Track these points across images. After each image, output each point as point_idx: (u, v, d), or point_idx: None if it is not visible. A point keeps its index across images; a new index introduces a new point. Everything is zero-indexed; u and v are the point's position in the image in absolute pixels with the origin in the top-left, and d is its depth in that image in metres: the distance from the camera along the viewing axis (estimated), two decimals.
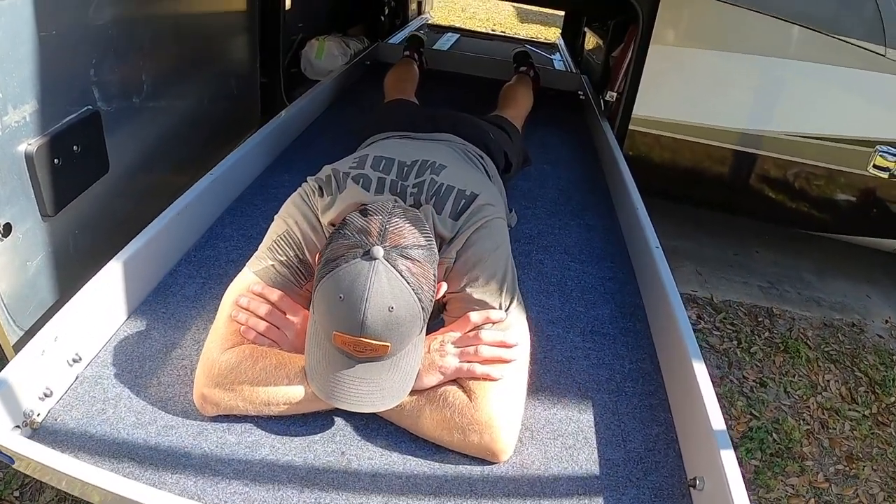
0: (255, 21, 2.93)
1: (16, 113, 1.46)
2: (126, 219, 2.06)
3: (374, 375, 1.11)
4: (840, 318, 3.12)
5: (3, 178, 1.44)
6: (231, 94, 2.89)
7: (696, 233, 3.68)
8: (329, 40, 3.64)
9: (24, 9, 1.45)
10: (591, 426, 1.33)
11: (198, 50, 2.49)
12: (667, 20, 2.73)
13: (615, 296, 1.81)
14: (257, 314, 1.27)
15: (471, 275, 1.29)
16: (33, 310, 1.59)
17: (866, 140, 2.69)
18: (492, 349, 1.22)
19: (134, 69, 2.01)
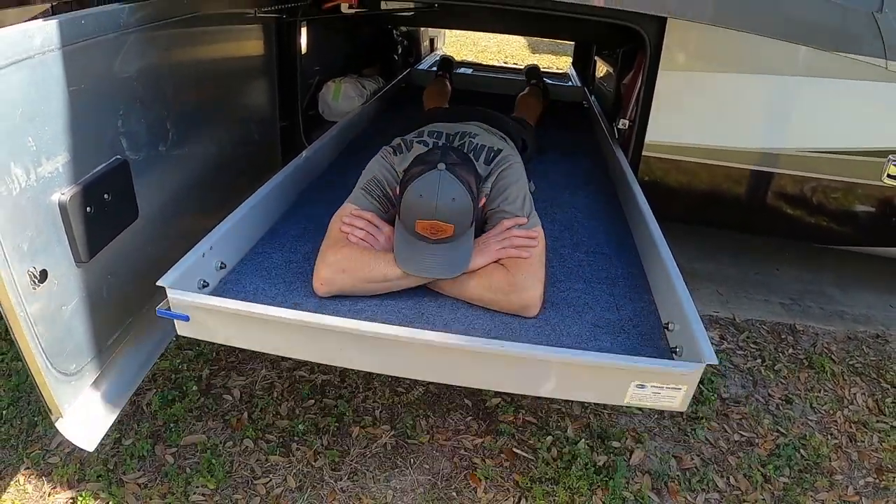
0: (273, 66, 3.04)
1: (49, 164, 1.54)
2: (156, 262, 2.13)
3: (443, 252, 1.75)
4: (864, 329, 3.10)
5: (39, 226, 1.52)
6: (252, 138, 2.98)
7: (715, 254, 3.69)
8: (345, 82, 3.75)
9: (55, 66, 1.54)
10: (595, 300, 1.96)
11: (219, 97, 2.59)
12: (673, 46, 2.78)
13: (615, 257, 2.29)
14: (356, 226, 1.90)
15: (501, 196, 1.96)
16: (69, 353, 1.66)
17: (879, 150, 2.70)
18: (520, 239, 1.86)
19: (159, 119, 2.10)
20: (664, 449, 2.34)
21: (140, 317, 2.01)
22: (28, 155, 1.47)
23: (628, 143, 3.16)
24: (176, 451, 2.24)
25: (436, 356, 1.64)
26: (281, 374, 2.59)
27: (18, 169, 1.44)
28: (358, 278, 1.81)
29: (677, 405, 1.64)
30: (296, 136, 3.41)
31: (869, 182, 2.76)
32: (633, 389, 1.63)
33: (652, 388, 1.62)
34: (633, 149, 3.08)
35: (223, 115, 2.64)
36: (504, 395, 2.53)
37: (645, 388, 1.62)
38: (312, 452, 2.25)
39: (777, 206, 2.97)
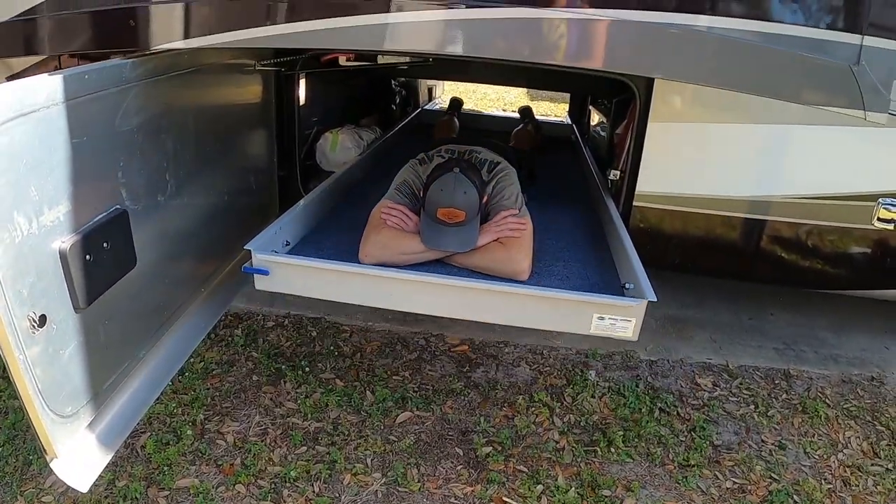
0: (272, 117, 3.13)
1: (51, 213, 1.60)
2: (153, 309, 2.19)
3: (457, 233, 2.37)
4: (859, 372, 3.12)
5: (39, 273, 1.56)
6: (250, 188, 3.05)
7: (709, 300, 3.73)
8: (342, 133, 3.84)
9: (58, 119, 1.62)
10: (570, 273, 2.55)
11: (218, 147, 2.66)
12: (662, 97, 2.85)
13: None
14: (392, 214, 2.52)
15: (500, 195, 2.61)
16: (66, 396, 1.69)
17: (868, 195, 2.75)
18: (514, 224, 2.49)
19: (158, 169, 2.17)
20: (655, 497, 2.34)
21: (136, 361, 2.05)
22: (31, 204, 1.53)
23: (619, 195, 3.23)
24: (168, 494, 2.24)
25: (454, 295, 2.27)
26: (274, 421, 2.61)
27: (21, 218, 1.50)
28: (393, 252, 2.42)
29: (630, 334, 2.21)
30: (293, 185, 3.47)
31: (860, 226, 2.81)
32: (595, 321, 2.20)
33: (609, 319, 2.19)
34: (624, 199, 3.14)
35: (222, 165, 2.71)
36: (495, 442, 2.55)
37: (604, 319, 2.19)
38: (304, 499, 2.25)
39: (769, 252, 3.01)
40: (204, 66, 2.42)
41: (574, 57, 2.15)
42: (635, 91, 2.96)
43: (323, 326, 3.27)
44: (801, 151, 2.81)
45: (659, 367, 3.10)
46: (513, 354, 3.15)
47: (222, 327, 3.19)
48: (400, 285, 2.32)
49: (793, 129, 2.77)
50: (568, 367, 3.06)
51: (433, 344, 3.21)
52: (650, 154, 2.94)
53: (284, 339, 3.14)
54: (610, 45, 2.11)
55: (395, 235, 2.47)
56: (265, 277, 2.34)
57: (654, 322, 3.49)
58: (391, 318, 3.37)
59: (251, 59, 2.83)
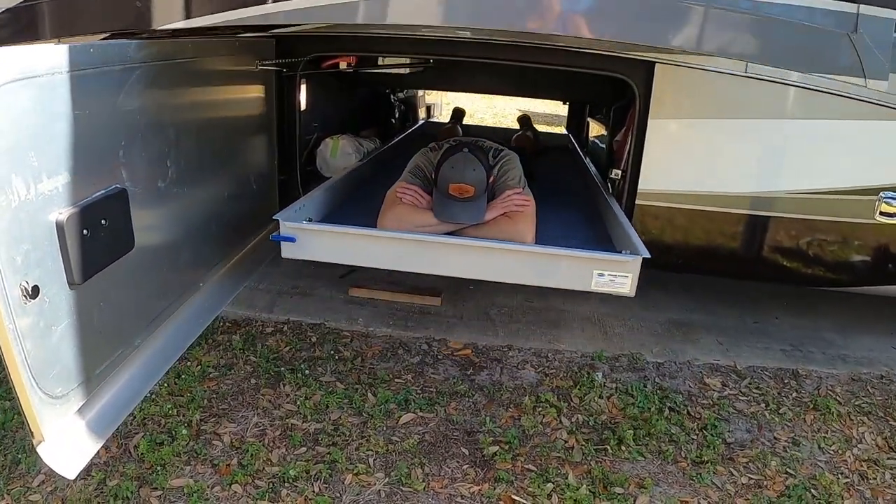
0: (273, 119, 3.11)
1: (49, 182, 1.55)
2: (150, 296, 2.13)
3: (467, 207, 2.59)
4: (868, 371, 3.07)
5: (35, 242, 1.51)
6: (251, 189, 3.01)
7: (714, 305, 3.69)
8: (343, 139, 3.83)
9: (62, 88, 1.58)
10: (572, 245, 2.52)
11: (219, 145, 2.63)
12: (661, 94, 2.85)
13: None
14: (406, 191, 2.72)
15: (504, 176, 2.82)
16: (55, 375, 1.62)
17: (870, 189, 2.74)
18: (518, 199, 2.70)
19: (159, 155, 2.13)
20: (670, 494, 2.26)
21: (131, 349, 1.98)
22: (29, 170, 1.49)
23: (622, 194, 3.20)
24: (162, 493, 2.16)
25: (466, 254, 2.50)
26: (273, 422, 2.53)
27: (19, 182, 1.45)
28: (409, 225, 2.62)
29: (628, 289, 2.40)
30: (293, 190, 3.44)
31: (863, 221, 2.79)
32: (596, 277, 2.40)
33: (608, 275, 2.39)
34: (626, 198, 3.12)
35: (222, 162, 2.68)
36: (502, 441, 2.47)
37: (604, 276, 2.39)
38: (303, 499, 2.17)
39: (772, 249, 2.99)
40: (206, 57, 2.40)
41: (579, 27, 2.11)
42: (634, 89, 2.96)
43: (323, 332, 3.21)
44: (802, 146, 2.80)
45: (666, 369, 3.04)
46: (517, 358, 3.09)
47: (220, 333, 3.12)
48: (417, 247, 2.52)
49: (793, 123, 2.77)
50: (574, 369, 3.00)
51: (435, 348, 3.15)
52: (651, 152, 2.94)
53: (284, 344, 3.07)
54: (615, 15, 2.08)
55: (410, 210, 2.69)
56: (292, 245, 2.52)
57: (659, 326, 3.44)
58: (392, 324, 3.32)
59: (253, 59, 2.81)
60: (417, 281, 3.75)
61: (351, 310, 3.45)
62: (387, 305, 3.53)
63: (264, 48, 2.88)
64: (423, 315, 3.46)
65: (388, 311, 3.47)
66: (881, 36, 2.01)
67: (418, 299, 3.60)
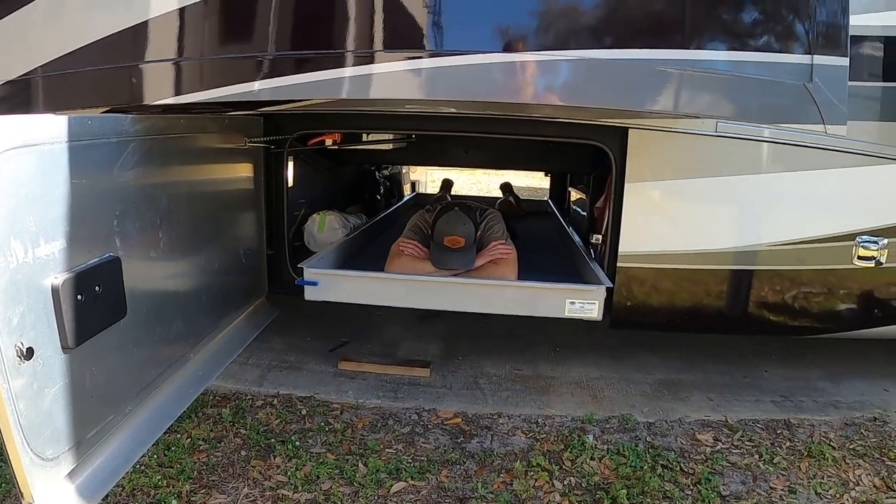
0: (261, 195, 3.20)
1: (46, 247, 1.61)
2: (141, 364, 2.14)
3: (459, 256, 3.12)
4: (860, 415, 3.09)
5: (31, 304, 1.55)
6: (240, 263, 3.07)
7: (701, 363, 3.71)
8: (330, 215, 3.92)
9: (61, 157, 1.66)
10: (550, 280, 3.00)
11: (210, 219, 2.71)
12: (636, 158, 2.97)
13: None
14: (407, 245, 3.22)
15: (490, 231, 3.36)
16: (48, 437, 1.62)
17: (846, 234, 2.83)
18: (502, 249, 3.24)
19: (152, 226, 2.20)
20: None
21: (122, 416, 1.98)
22: (28, 234, 1.55)
23: (603, 258, 3.28)
24: None
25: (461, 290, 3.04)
26: (264, 493, 2.49)
27: (17, 245, 1.51)
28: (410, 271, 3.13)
29: (596, 315, 2.90)
30: (282, 265, 3.49)
31: (842, 266, 2.86)
32: (568, 305, 2.88)
33: (579, 303, 2.87)
34: (607, 262, 3.19)
35: (212, 235, 2.74)
36: None
37: (575, 304, 2.88)
38: None
39: (756, 302, 3.05)
40: (197, 133, 2.50)
41: (542, 97, 2.24)
42: (610, 155, 3.08)
43: (313, 404, 3.19)
44: (775, 199, 2.92)
45: (657, 428, 3.03)
46: (507, 425, 3.08)
47: (210, 406, 3.09)
48: (420, 286, 3.05)
49: (764, 177, 2.89)
50: (564, 433, 2.99)
51: (425, 418, 3.13)
52: (629, 215, 3.03)
53: (274, 417, 3.05)
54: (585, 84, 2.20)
55: (411, 261, 3.21)
56: (314, 288, 2.96)
57: (648, 387, 3.45)
58: (382, 395, 3.31)
59: (242, 136, 2.92)
60: (406, 353, 3.77)
61: (341, 383, 3.45)
62: (376, 378, 3.53)
63: (253, 125, 3.01)
64: (412, 386, 3.46)
65: (378, 383, 3.47)
66: (836, 83, 2.15)
67: (407, 371, 3.60)
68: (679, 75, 2.18)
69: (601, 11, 2.27)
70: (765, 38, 2.21)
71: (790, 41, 2.20)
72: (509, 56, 2.13)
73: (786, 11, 2.25)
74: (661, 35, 2.21)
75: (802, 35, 2.17)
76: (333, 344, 3.83)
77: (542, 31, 2.21)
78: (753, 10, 2.25)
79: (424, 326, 4.21)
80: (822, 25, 2.15)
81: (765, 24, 2.25)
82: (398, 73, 2.12)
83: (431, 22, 2.15)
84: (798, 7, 2.21)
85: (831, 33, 2.16)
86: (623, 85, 2.22)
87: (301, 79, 2.18)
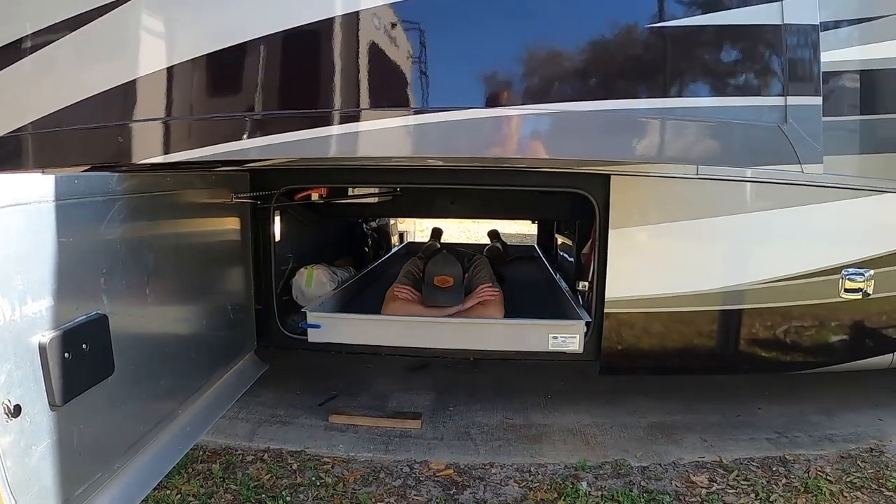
0: (248, 250, 3.22)
1: (34, 305, 1.62)
2: (128, 422, 2.13)
3: (448, 294, 3.42)
4: (856, 447, 3.08)
5: (18, 362, 1.56)
6: (228, 318, 3.07)
7: (694, 404, 3.71)
8: (317, 268, 3.94)
9: (48, 216, 1.68)
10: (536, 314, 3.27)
11: (197, 274, 2.73)
12: (619, 204, 3.02)
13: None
14: (401, 291, 3.49)
15: (478, 275, 3.71)
16: (35, 495, 1.60)
17: (832, 268, 2.87)
18: (489, 291, 3.51)
19: (139, 283, 2.21)
20: None
21: (110, 474, 1.96)
22: (15, 292, 1.56)
23: (590, 305, 3.31)
24: None
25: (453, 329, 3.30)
26: None
27: (5, 303, 1.52)
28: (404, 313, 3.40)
29: (577, 347, 3.07)
30: (270, 320, 3.50)
31: (829, 300, 2.90)
32: (551, 339, 3.07)
33: (560, 338, 3.06)
34: (595, 308, 3.22)
35: (199, 290, 2.76)
36: None
37: (557, 338, 3.06)
38: None
39: (747, 341, 3.07)
40: (184, 189, 2.54)
41: (527, 150, 2.29)
42: (593, 202, 3.14)
43: (304, 459, 3.15)
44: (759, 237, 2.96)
45: (651, 472, 3.01)
46: (500, 474, 3.05)
47: (199, 461, 3.05)
48: (415, 326, 3.32)
49: (747, 216, 2.94)
50: (558, 481, 2.96)
51: (417, 470, 3.10)
52: (615, 260, 3.07)
53: (264, 472, 3.01)
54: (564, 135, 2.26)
55: (405, 304, 3.48)
56: (317, 330, 3.14)
57: (641, 431, 3.44)
58: (373, 449, 3.27)
59: (229, 191, 2.96)
60: (397, 405, 3.75)
61: (331, 436, 3.41)
62: (367, 431, 3.50)
63: (239, 181, 3.05)
64: (403, 438, 3.43)
65: (369, 436, 3.44)
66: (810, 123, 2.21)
67: (398, 423, 3.58)
68: (656, 124, 2.25)
69: (580, 64, 2.33)
70: (738, 82, 2.28)
71: (763, 84, 2.26)
72: (493, 111, 2.19)
73: (758, 55, 2.32)
74: (638, 85, 2.28)
75: (775, 77, 2.24)
76: (323, 397, 3.80)
77: (523, 86, 2.28)
78: (726, 55, 2.33)
79: (414, 378, 4.19)
80: (794, 67, 2.21)
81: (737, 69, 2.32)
82: (384, 131, 2.17)
83: (415, 80, 2.21)
84: (770, 50, 2.27)
85: (803, 74, 2.22)
86: (603, 136, 2.28)
87: (288, 137, 2.22)
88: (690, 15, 2.25)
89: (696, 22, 2.26)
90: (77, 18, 2.27)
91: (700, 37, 2.29)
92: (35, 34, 2.33)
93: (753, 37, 2.29)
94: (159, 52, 2.23)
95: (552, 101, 2.20)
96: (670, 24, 2.23)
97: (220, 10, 2.28)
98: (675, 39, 2.26)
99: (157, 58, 2.22)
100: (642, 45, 2.28)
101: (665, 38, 2.26)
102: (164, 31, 2.27)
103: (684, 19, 2.24)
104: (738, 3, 2.26)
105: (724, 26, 2.28)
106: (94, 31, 2.25)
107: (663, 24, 2.23)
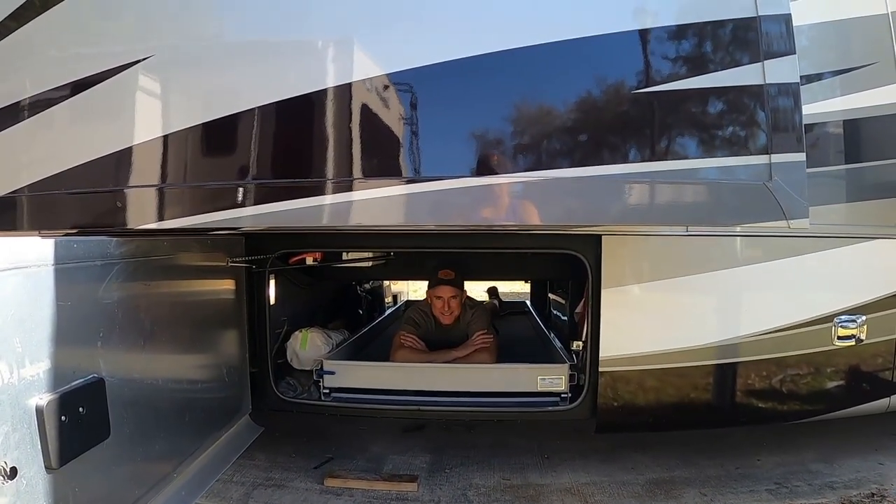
0: (244, 313, 3.25)
1: (31, 368, 1.65)
2: (123, 485, 2.13)
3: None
4: (857, 492, 3.03)
5: (15, 424, 1.58)
6: (223, 381, 3.08)
7: (693, 458, 3.66)
8: (312, 331, 3.96)
9: (47, 280, 1.73)
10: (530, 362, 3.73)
11: (193, 338, 2.76)
12: (610, 264, 3.05)
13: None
14: (407, 339, 3.94)
15: (476, 323, 4.06)
16: None
17: (824, 317, 2.89)
18: (484, 338, 3.94)
19: (136, 347, 2.24)
20: None
21: None
22: (13, 354, 1.60)
23: (585, 364, 3.33)
24: None
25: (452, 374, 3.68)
26: None
27: (3, 365, 1.56)
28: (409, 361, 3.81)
29: (563, 387, 3.44)
30: (265, 383, 3.50)
31: (824, 348, 2.91)
32: (540, 380, 3.46)
33: (548, 379, 3.47)
34: (589, 369, 3.23)
35: (195, 354, 2.78)
36: None
37: (545, 379, 3.46)
38: None
39: (743, 393, 3.06)
40: (180, 253, 2.59)
41: (516, 216, 2.33)
42: (585, 262, 3.18)
43: None
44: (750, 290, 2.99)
45: None
46: None
47: None
48: (420, 371, 3.73)
49: (738, 270, 2.97)
50: None
51: None
52: (608, 319, 3.09)
53: None
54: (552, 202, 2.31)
55: (410, 351, 3.87)
56: (332, 376, 3.51)
57: (640, 488, 3.39)
58: None
59: (224, 256, 3.01)
60: (393, 467, 3.72)
61: (327, 500, 3.36)
62: (363, 494, 3.45)
63: (234, 245, 3.11)
64: (400, 501, 3.38)
65: (365, 499, 3.39)
66: (795, 179, 2.26)
67: (395, 486, 3.53)
68: (643, 188, 2.28)
69: (567, 133, 2.36)
70: (722, 143, 2.31)
71: (747, 143, 2.30)
72: (482, 180, 2.23)
73: (741, 115, 2.35)
74: (623, 150, 2.33)
75: (758, 136, 2.28)
76: (318, 460, 3.77)
77: (511, 155, 2.30)
78: (710, 117, 2.36)
79: (410, 439, 4.15)
80: (776, 125, 2.25)
81: (721, 130, 2.36)
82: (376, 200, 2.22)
83: (406, 150, 2.26)
84: (752, 110, 2.32)
85: (787, 131, 2.26)
86: (591, 201, 2.31)
87: (281, 206, 2.25)
88: (673, 80, 2.30)
89: (680, 86, 2.31)
90: (75, 84, 2.33)
91: (684, 100, 2.33)
92: (33, 98, 2.38)
93: (736, 98, 2.34)
94: (155, 119, 2.29)
95: (540, 169, 2.24)
96: (654, 89, 2.28)
97: (215, 80, 2.35)
98: (660, 104, 2.31)
99: (153, 125, 2.27)
100: (626, 112, 2.31)
101: (649, 103, 2.31)
102: (160, 99, 2.35)
103: (667, 84, 2.30)
104: (721, 66, 2.31)
105: (707, 89, 2.32)
106: (92, 97, 2.31)
107: (648, 90, 2.28)
